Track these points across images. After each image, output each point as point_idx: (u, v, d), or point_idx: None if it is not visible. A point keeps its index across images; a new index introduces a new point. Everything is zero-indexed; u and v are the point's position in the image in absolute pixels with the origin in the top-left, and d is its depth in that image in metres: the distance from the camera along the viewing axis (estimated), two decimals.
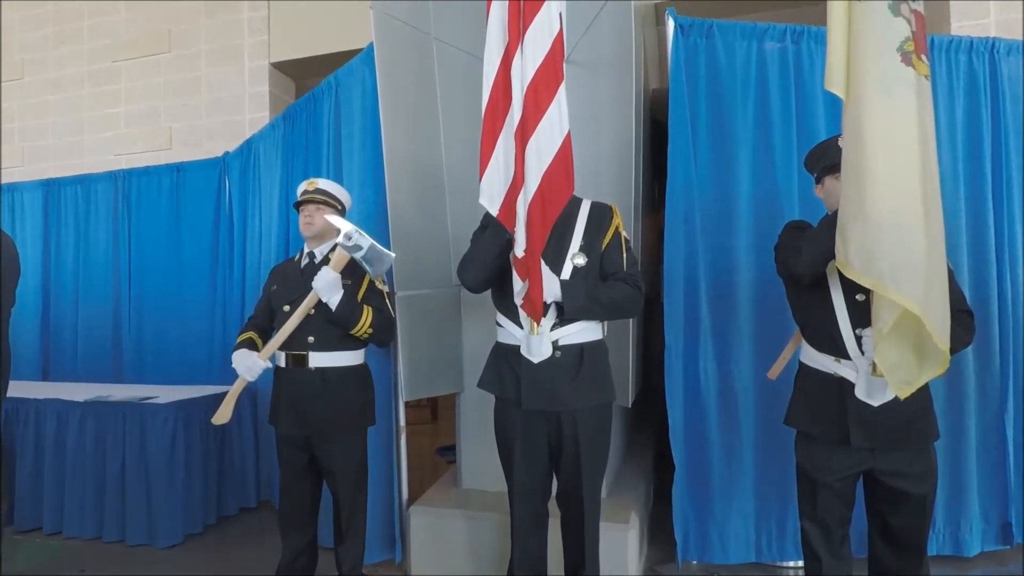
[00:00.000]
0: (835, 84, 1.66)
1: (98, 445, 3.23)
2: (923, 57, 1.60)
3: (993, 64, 2.69)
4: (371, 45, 2.69)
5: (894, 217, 1.53)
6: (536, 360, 1.93)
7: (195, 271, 4.22)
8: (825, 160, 1.92)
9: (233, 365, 2.31)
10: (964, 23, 3.22)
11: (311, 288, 2.23)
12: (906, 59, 1.57)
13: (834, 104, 1.74)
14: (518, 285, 1.87)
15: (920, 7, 1.63)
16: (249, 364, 2.28)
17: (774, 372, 2.25)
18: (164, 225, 4.37)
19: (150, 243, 4.40)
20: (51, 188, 4.76)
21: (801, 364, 2.00)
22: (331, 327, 2.29)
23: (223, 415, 2.30)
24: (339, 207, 2.45)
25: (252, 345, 2.38)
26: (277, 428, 2.38)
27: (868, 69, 1.58)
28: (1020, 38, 2.76)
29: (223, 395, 2.35)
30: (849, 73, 1.63)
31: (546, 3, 1.85)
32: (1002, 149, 2.66)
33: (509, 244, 1.91)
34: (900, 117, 1.54)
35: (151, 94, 4.87)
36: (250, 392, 3.55)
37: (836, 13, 1.67)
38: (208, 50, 4.73)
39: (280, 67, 4.64)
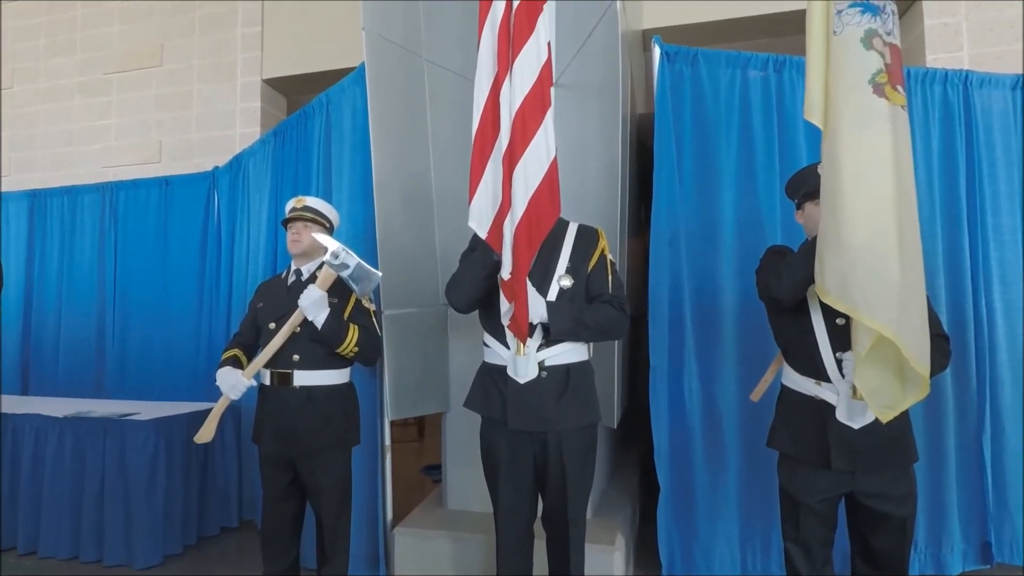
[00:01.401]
0: (814, 115, 1.72)
1: (76, 462, 3.18)
2: (899, 88, 1.64)
3: (967, 95, 2.77)
4: (363, 65, 2.71)
5: (868, 245, 1.57)
6: (522, 380, 1.94)
7: (181, 286, 4.20)
8: (805, 187, 1.96)
9: (217, 383, 2.30)
10: (939, 55, 3.32)
11: (297, 306, 2.24)
12: (878, 91, 1.61)
13: (815, 131, 1.78)
14: (505, 306, 1.89)
15: (896, 40, 1.68)
16: (233, 382, 2.27)
17: (756, 394, 2.27)
18: (151, 239, 4.35)
19: (136, 257, 4.38)
20: (37, 199, 4.74)
21: (783, 386, 2.02)
22: (317, 345, 2.29)
23: (206, 434, 2.28)
24: (327, 225, 2.46)
25: (237, 363, 2.37)
26: (260, 447, 2.36)
27: (843, 101, 1.62)
28: (992, 71, 2.85)
29: (206, 412, 2.34)
30: (827, 104, 1.68)
31: (535, 33, 1.90)
32: (976, 177, 2.73)
33: (497, 266, 1.93)
34: (873, 148, 1.59)
35: (142, 107, 4.87)
36: (234, 410, 3.52)
37: (814, 46, 1.73)
38: (201, 65, 4.75)
39: (272, 83, 4.66)
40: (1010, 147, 2.76)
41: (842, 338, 1.81)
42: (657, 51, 2.69)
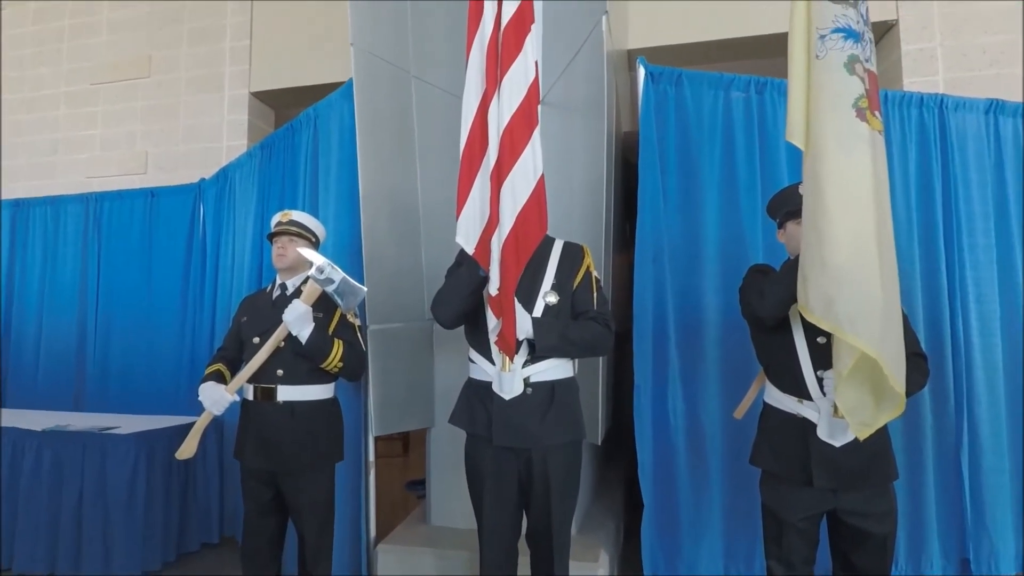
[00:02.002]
0: (795, 136, 1.75)
1: (54, 477, 3.13)
2: (876, 113, 1.69)
3: (942, 118, 2.83)
4: (351, 80, 2.73)
5: (851, 265, 1.60)
6: (508, 397, 1.95)
7: (165, 298, 4.16)
8: (787, 206, 2.00)
9: (200, 398, 2.28)
10: (915, 79, 3.41)
11: (282, 320, 2.23)
12: (860, 115, 1.65)
13: (795, 151, 1.82)
14: (492, 322, 1.91)
15: (873, 67, 1.73)
16: (216, 397, 2.25)
17: (740, 411, 2.29)
18: (135, 250, 4.31)
19: (120, 268, 4.34)
20: (19, 208, 4.69)
21: (765, 404, 2.04)
22: (301, 360, 2.28)
23: (188, 450, 2.26)
24: (313, 239, 2.46)
25: (220, 377, 2.36)
26: (243, 462, 2.34)
27: (826, 124, 1.66)
28: (966, 96, 2.92)
29: (188, 426, 2.32)
30: (808, 126, 1.71)
31: (523, 51, 1.93)
32: (952, 198, 2.79)
33: (483, 281, 1.95)
34: (856, 170, 1.62)
35: (128, 118, 4.85)
36: (216, 424, 3.49)
37: (796, 69, 1.76)
38: (188, 77, 4.74)
39: (260, 96, 4.66)
40: (984, 169, 2.82)
41: (823, 356, 1.84)
42: (642, 71, 2.73)
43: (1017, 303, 2.76)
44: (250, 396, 2.33)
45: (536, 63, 1.96)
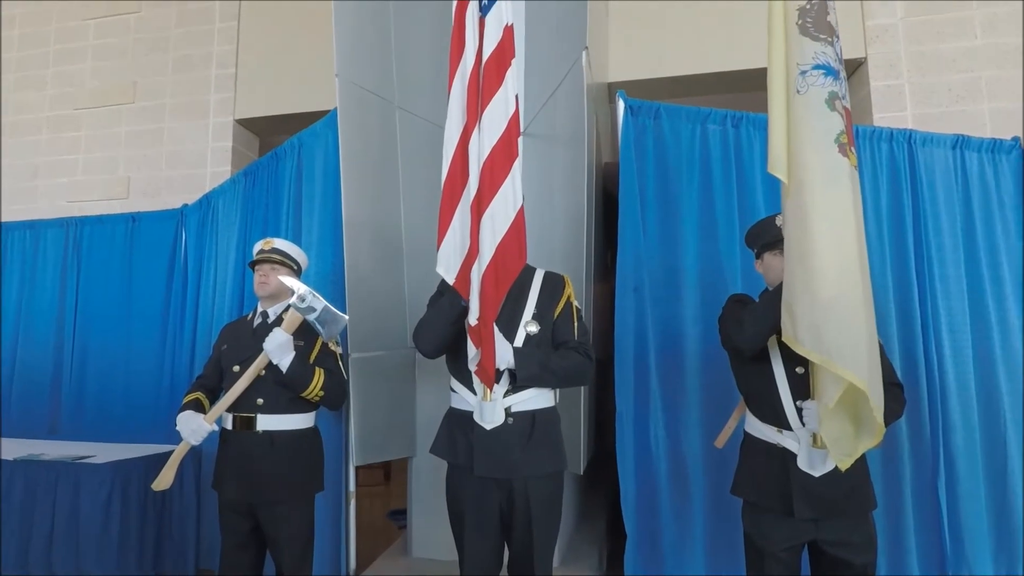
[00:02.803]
0: (777, 169, 1.78)
1: (26, 507, 3.05)
2: (852, 149, 1.74)
3: (912, 153, 2.91)
4: (335, 109, 2.76)
5: (839, 298, 1.63)
6: (489, 427, 1.95)
7: (145, 324, 4.10)
8: (764, 238, 2.03)
9: (177, 428, 2.26)
10: (885, 115, 3.51)
11: (262, 349, 2.22)
12: (842, 150, 1.70)
13: (772, 183, 1.88)
14: (472, 352, 1.91)
15: (848, 104, 1.78)
16: (194, 427, 2.23)
17: (720, 441, 2.30)
18: (115, 275, 4.26)
19: (99, 293, 4.27)
20: None
21: (746, 434, 2.06)
22: (281, 389, 2.27)
23: (164, 481, 2.23)
24: (295, 267, 2.46)
25: (198, 407, 2.33)
26: (220, 493, 2.31)
27: (809, 159, 1.70)
28: (933, 131, 3.01)
29: (165, 456, 2.29)
30: (790, 159, 1.75)
31: (503, 85, 1.97)
32: (923, 230, 2.85)
33: (464, 311, 1.96)
34: (840, 204, 1.67)
35: (111, 143, 4.83)
36: (194, 454, 3.43)
37: (776, 103, 1.80)
38: (173, 103, 4.75)
39: (244, 123, 4.68)
40: (952, 202, 2.89)
41: (802, 387, 1.86)
42: (621, 105, 2.79)
43: (988, 333, 2.81)
44: (229, 425, 2.31)
45: (516, 96, 2.00)
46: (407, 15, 3.11)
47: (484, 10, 2.04)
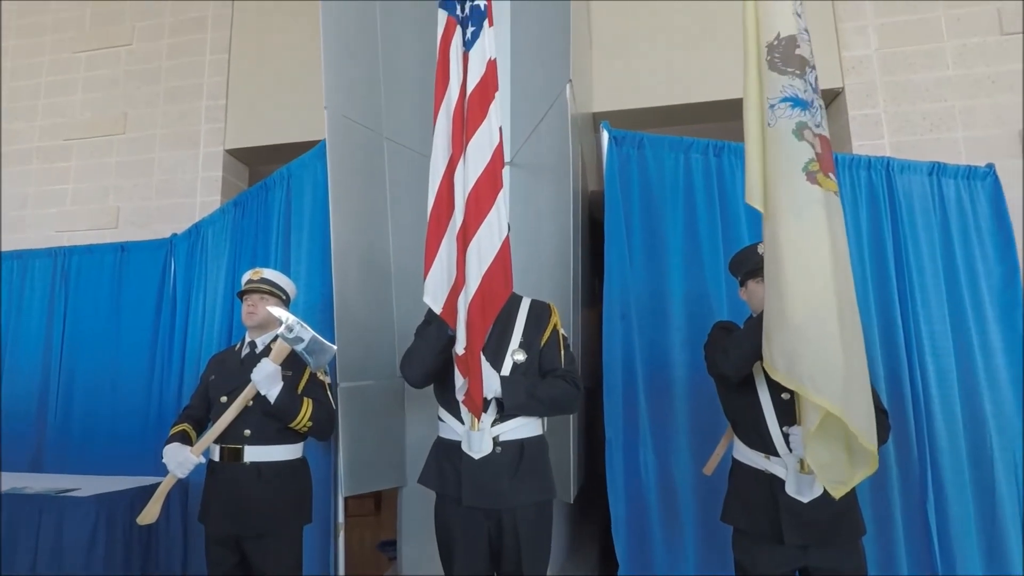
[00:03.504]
0: (754, 199, 1.83)
1: (7, 542, 2.99)
2: (830, 175, 1.77)
3: (890, 180, 2.97)
4: (324, 141, 2.79)
5: (810, 324, 1.65)
6: (477, 456, 1.95)
7: (132, 355, 4.08)
8: (747, 266, 2.07)
9: (164, 460, 2.24)
10: (864, 143, 3.59)
11: (250, 379, 2.22)
12: (811, 178, 1.73)
13: (754, 211, 1.92)
14: (459, 381, 1.92)
15: (824, 131, 1.82)
16: (181, 459, 2.22)
17: (709, 468, 2.30)
18: (103, 305, 4.24)
19: (86, 323, 4.25)
20: None
21: (734, 460, 2.07)
22: (269, 420, 2.26)
23: (150, 514, 2.20)
24: (283, 297, 2.47)
25: (185, 438, 2.32)
26: (207, 526, 2.28)
27: (779, 188, 1.74)
28: (911, 159, 3.09)
29: (151, 488, 2.27)
30: (766, 189, 1.80)
31: (487, 117, 2.01)
32: (903, 255, 2.90)
33: (451, 340, 1.97)
34: (810, 232, 1.69)
35: (101, 173, 4.85)
36: (181, 487, 3.39)
37: (751, 135, 1.85)
38: (163, 134, 4.78)
39: (234, 153, 4.71)
40: (931, 228, 2.95)
41: (788, 412, 1.88)
42: (605, 135, 2.84)
43: (971, 355, 2.85)
44: (216, 457, 2.29)
45: (500, 128, 2.04)
46: (395, 47, 3.17)
47: (468, 45, 2.10)
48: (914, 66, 3.65)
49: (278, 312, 2.27)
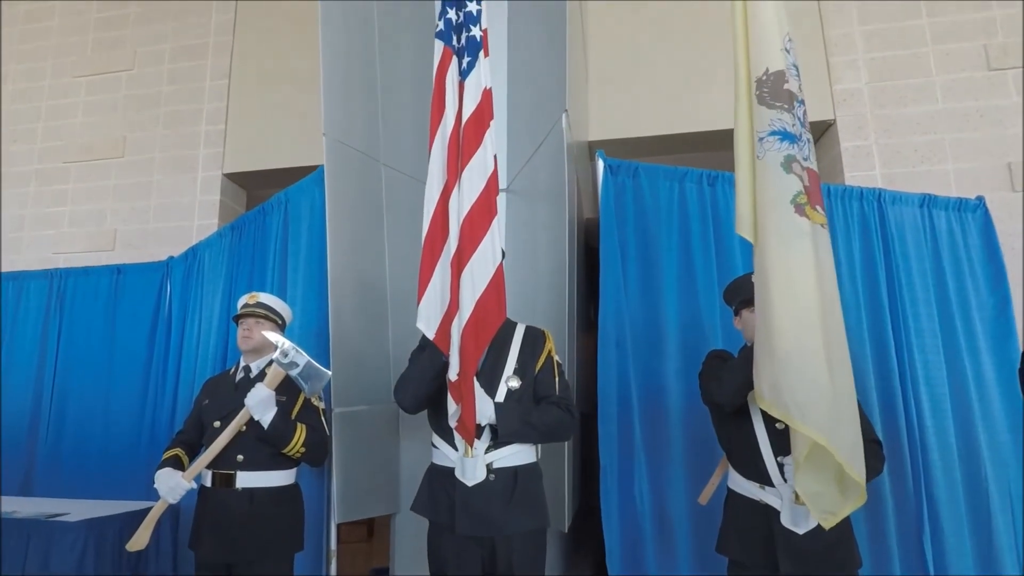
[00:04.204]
0: (744, 229, 1.85)
1: None
2: (818, 208, 1.80)
3: (882, 211, 3.00)
4: (323, 166, 2.81)
5: (797, 354, 1.66)
6: (470, 483, 1.94)
7: (126, 378, 4.05)
8: (741, 295, 2.08)
9: (155, 485, 2.23)
10: (856, 174, 3.65)
11: (244, 404, 2.21)
12: (800, 211, 1.76)
13: (748, 241, 1.95)
14: (452, 407, 1.92)
15: (812, 164, 1.86)
16: (172, 485, 2.20)
17: (704, 497, 2.30)
18: (98, 327, 4.22)
19: (80, 345, 4.23)
20: None
21: (729, 490, 2.06)
22: (262, 445, 2.25)
23: (140, 540, 2.18)
24: (279, 322, 2.48)
25: (177, 463, 2.31)
26: (197, 553, 2.26)
27: (768, 220, 1.77)
28: (902, 190, 3.12)
29: (142, 513, 2.26)
30: (756, 220, 1.82)
31: (482, 145, 2.05)
32: (896, 286, 2.92)
33: (445, 366, 1.98)
34: (797, 263, 1.72)
35: (99, 196, 4.87)
36: (172, 512, 3.34)
37: (741, 166, 1.89)
38: (162, 157, 4.82)
39: (232, 177, 4.74)
40: (923, 258, 2.97)
41: (782, 442, 1.87)
42: (600, 164, 2.87)
43: (965, 385, 2.86)
44: (208, 483, 2.28)
45: (495, 156, 2.07)
46: (393, 76, 3.22)
47: (464, 74, 2.14)
48: (904, 99, 3.72)
49: (274, 337, 2.27)
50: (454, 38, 2.19)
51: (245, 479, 2.24)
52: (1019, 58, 3.60)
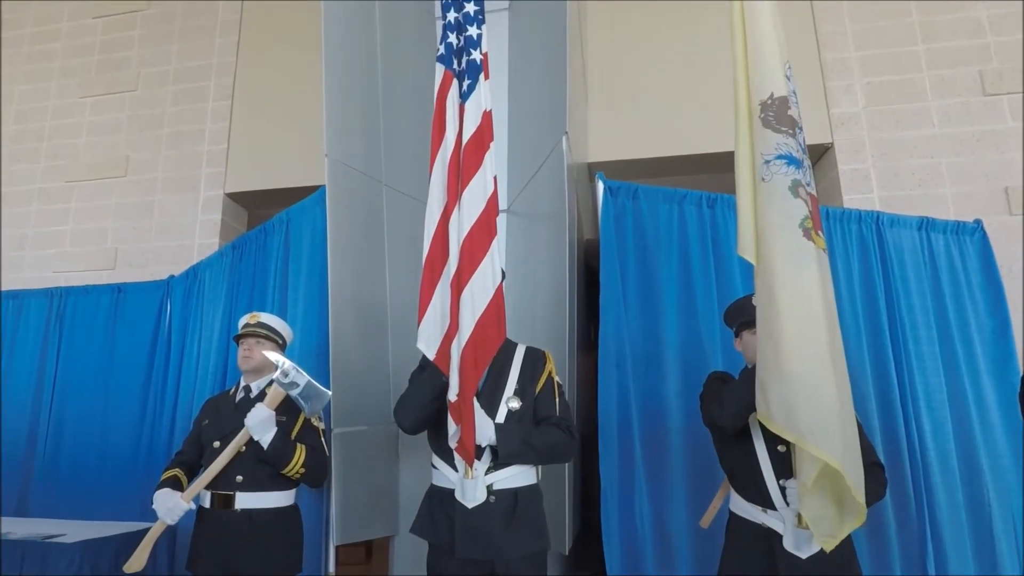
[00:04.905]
0: (747, 251, 1.86)
1: None
2: (819, 232, 1.82)
3: (880, 234, 3.02)
4: (324, 186, 2.83)
5: (807, 376, 1.67)
6: (470, 505, 1.93)
7: (124, 397, 4.03)
8: (741, 317, 2.08)
9: (153, 506, 2.21)
10: (854, 197, 3.67)
11: (244, 424, 2.21)
12: (807, 234, 1.78)
13: (748, 263, 1.95)
14: (452, 428, 1.92)
15: (813, 190, 1.87)
16: (171, 505, 2.19)
17: (706, 520, 2.28)
18: (97, 346, 4.21)
19: (79, 364, 4.21)
20: None
21: (731, 513, 2.05)
22: (262, 465, 2.24)
23: (137, 563, 2.17)
24: (280, 342, 2.48)
25: (176, 484, 2.29)
26: (194, 574, 2.24)
27: (775, 242, 1.78)
28: (900, 213, 3.14)
29: (139, 534, 2.24)
30: (759, 243, 1.83)
31: (482, 167, 2.06)
32: (896, 309, 2.93)
33: (445, 387, 1.97)
34: (806, 285, 1.73)
35: (101, 215, 4.88)
36: (170, 534, 3.30)
37: (743, 189, 1.90)
38: (164, 177, 4.84)
39: (234, 197, 4.75)
40: (922, 280, 2.99)
41: (784, 465, 1.87)
42: (600, 186, 2.89)
43: (966, 408, 2.85)
44: (206, 503, 2.27)
45: (495, 178, 2.08)
46: (395, 96, 3.25)
47: (464, 97, 2.17)
48: (901, 123, 3.75)
49: (274, 356, 2.27)
50: (455, 62, 2.23)
51: (244, 500, 2.23)
52: (1014, 84, 3.64)
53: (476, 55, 2.18)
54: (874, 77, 3.85)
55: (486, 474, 1.95)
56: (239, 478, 2.23)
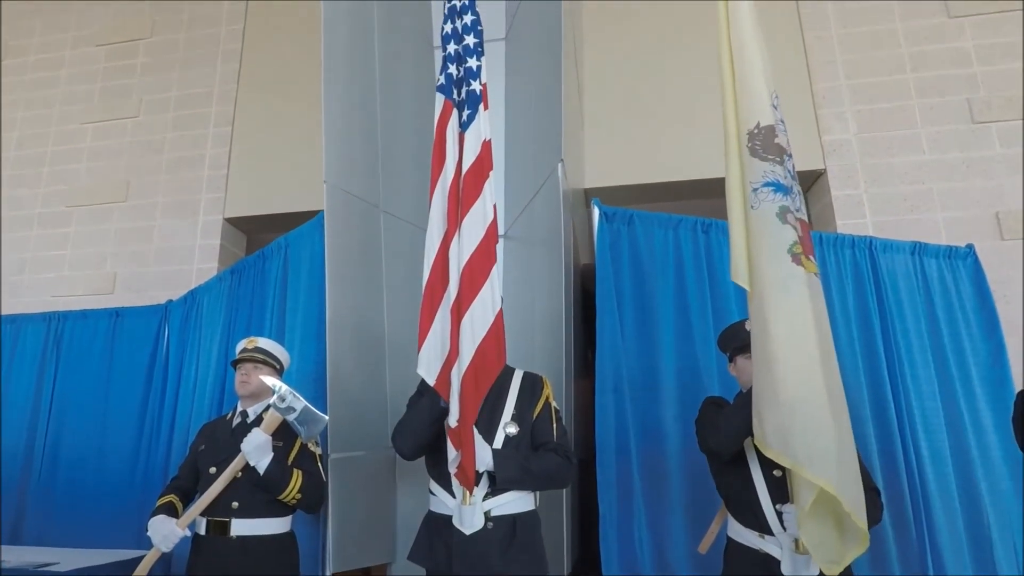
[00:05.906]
0: (739, 277, 1.89)
1: None
2: (811, 257, 1.84)
3: (873, 258, 3.05)
4: (323, 212, 2.86)
5: (801, 401, 1.68)
6: (468, 531, 1.93)
7: (121, 422, 4.01)
8: (735, 342, 2.10)
9: (148, 533, 2.20)
10: (847, 222, 3.70)
11: (240, 449, 2.20)
12: (796, 260, 1.81)
13: (742, 288, 1.99)
14: (452, 454, 1.92)
15: (803, 216, 1.91)
16: (166, 532, 2.17)
17: (704, 546, 2.27)
18: (94, 371, 4.19)
19: (76, 389, 4.19)
20: None
21: (728, 539, 2.04)
22: (258, 491, 2.23)
23: None
24: (277, 367, 2.48)
25: (171, 510, 2.28)
26: None
27: (766, 269, 1.80)
28: (893, 238, 3.18)
29: (134, 562, 2.22)
30: (751, 269, 1.86)
31: (482, 195, 2.09)
32: (891, 333, 2.94)
33: (444, 412, 1.98)
34: (797, 310, 1.75)
35: (100, 239, 4.90)
36: (164, 561, 3.26)
37: (735, 217, 1.93)
38: (164, 202, 4.87)
39: (233, 222, 4.77)
40: (916, 305, 3.01)
41: (780, 489, 1.87)
42: (596, 212, 2.93)
43: (964, 434, 2.85)
44: (202, 530, 2.25)
45: (495, 206, 2.11)
46: (393, 123, 3.30)
47: (464, 126, 2.21)
48: (892, 150, 3.80)
49: (271, 381, 2.27)
50: (455, 92, 2.27)
51: (240, 527, 2.21)
52: (1002, 112, 3.71)
53: (476, 86, 2.23)
54: (865, 105, 3.92)
55: (484, 500, 1.94)
56: (235, 504, 2.22)
